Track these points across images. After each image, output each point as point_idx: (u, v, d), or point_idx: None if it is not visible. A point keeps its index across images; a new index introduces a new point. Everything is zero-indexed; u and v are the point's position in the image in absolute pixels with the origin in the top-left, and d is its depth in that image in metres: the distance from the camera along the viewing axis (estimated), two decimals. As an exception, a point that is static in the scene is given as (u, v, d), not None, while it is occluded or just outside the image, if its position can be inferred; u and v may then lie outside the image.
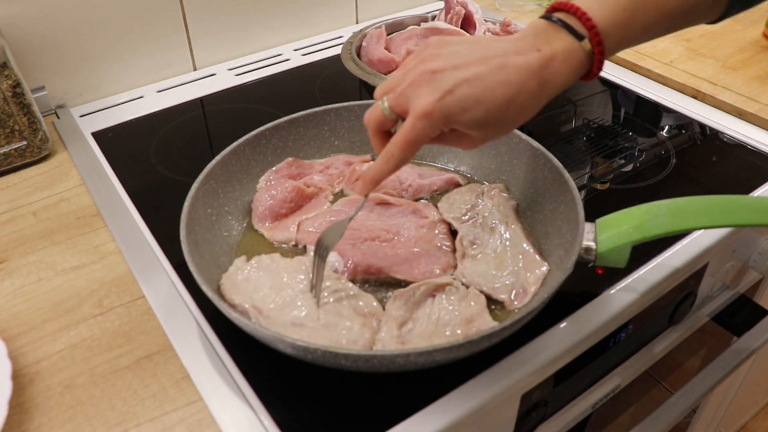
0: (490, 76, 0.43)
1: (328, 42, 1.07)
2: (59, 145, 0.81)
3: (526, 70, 0.44)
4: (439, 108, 0.43)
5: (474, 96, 0.43)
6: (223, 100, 0.92)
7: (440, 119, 0.44)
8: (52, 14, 0.83)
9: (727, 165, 0.76)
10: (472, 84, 0.43)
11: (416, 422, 0.47)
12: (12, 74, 0.72)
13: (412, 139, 0.45)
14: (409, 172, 0.68)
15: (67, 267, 0.62)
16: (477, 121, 0.44)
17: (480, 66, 0.44)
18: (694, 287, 0.69)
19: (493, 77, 0.43)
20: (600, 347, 0.59)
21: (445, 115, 0.44)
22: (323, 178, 0.68)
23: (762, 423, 1.49)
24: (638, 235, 0.52)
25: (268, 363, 0.51)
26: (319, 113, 0.70)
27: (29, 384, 0.51)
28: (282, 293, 0.54)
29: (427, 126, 0.44)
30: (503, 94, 0.43)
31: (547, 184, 0.62)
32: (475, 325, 0.52)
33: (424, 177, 0.68)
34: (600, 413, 0.72)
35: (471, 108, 0.43)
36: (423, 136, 0.45)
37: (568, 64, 0.45)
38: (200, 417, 0.49)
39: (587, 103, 0.91)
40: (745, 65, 0.95)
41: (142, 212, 0.69)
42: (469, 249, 0.60)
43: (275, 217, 0.63)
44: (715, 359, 0.77)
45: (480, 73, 0.43)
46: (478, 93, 0.43)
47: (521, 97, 0.44)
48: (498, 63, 0.44)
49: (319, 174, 0.69)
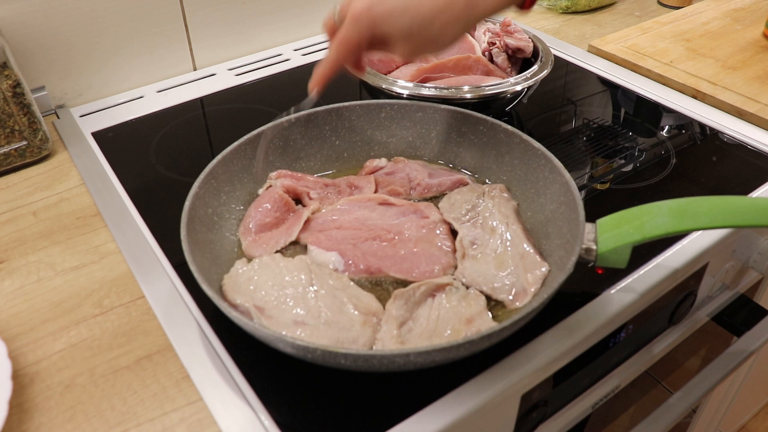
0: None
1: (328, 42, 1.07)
2: (59, 145, 0.81)
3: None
4: (367, 13, 0.48)
5: (402, 6, 0.47)
6: (223, 100, 0.92)
7: (368, 21, 0.49)
8: (52, 14, 0.83)
9: (727, 165, 0.76)
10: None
11: (416, 422, 0.47)
12: (12, 74, 0.72)
13: (345, 38, 0.50)
14: (419, 170, 0.68)
15: (67, 267, 0.62)
16: (402, 29, 0.48)
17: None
18: (694, 287, 0.69)
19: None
20: (600, 347, 0.59)
21: (372, 19, 0.48)
22: (318, 195, 0.67)
23: (762, 423, 1.49)
24: (639, 235, 0.52)
25: (268, 363, 0.52)
26: (320, 113, 0.70)
27: (29, 384, 0.51)
28: (284, 292, 0.54)
29: (356, 27, 0.49)
30: (429, 8, 0.47)
31: (548, 184, 0.62)
32: (475, 325, 0.52)
33: (433, 177, 0.68)
34: (600, 413, 0.72)
35: (397, 16, 0.48)
36: (353, 38, 0.50)
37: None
38: (200, 417, 0.49)
39: (587, 103, 0.91)
40: (745, 65, 0.95)
41: (142, 212, 0.69)
42: (470, 249, 0.60)
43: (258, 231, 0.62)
44: (715, 359, 0.77)
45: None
46: (403, 5, 0.47)
47: (446, 14, 0.47)
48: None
49: (317, 191, 0.67)
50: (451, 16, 0.47)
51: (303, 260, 0.57)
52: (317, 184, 0.68)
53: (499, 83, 0.77)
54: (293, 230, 0.61)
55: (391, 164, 0.70)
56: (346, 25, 0.50)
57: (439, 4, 0.47)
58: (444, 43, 0.50)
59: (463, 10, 0.47)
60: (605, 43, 1.02)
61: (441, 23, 0.47)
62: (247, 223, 0.62)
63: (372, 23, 0.49)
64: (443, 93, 0.75)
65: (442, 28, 0.48)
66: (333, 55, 0.52)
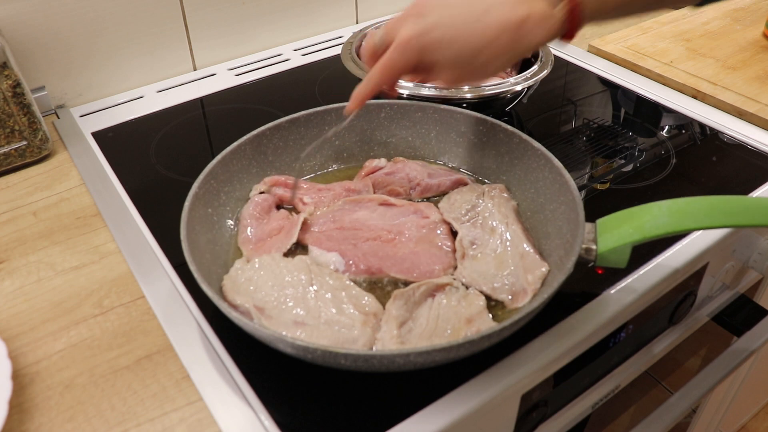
0: (468, 24, 0.48)
1: (328, 42, 1.07)
2: (59, 145, 0.81)
3: (502, 25, 0.48)
4: (417, 40, 0.49)
5: (449, 37, 0.48)
6: (223, 100, 0.92)
7: (415, 51, 0.50)
8: (52, 14, 0.83)
9: (727, 165, 0.76)
10: (450, 27, 0.48)
11: (416, 422, 0.47)
12: (12, 74, 0.72)
13: (389, 63, 0.51)
14: (418, 171, 0.68)
15: (67, 267, 0.62)
16: (447, 60, 0.49)
17: (463, 13, 0.48)
18: (694, 287, 0.69)
19: (470, 25, 0.48)
20: (600, 347, 0.59)
21: (420, 48, 0.49)
22: (313, 200, 0.66)
23: (762, 423, 1.49)
24: (638, 235, 0.52)
25: (268, 363, 0.51)
26: (321, 113, 0.70)
27: (29, 384, 0.51)
28: (284, 292, 0.54)
29: (402, 54, 0.50)
30: (477, 40, 0.48)
31: (548, 184, 0.62)
32: (475, 325, 0.52)
33: (433, 177, 0.68)
34: (600, 413, 0.72)
35: (444, 47, 0.49)
36: (399, 63, 0.51)
37: (543, 24, 0.49)
38: (200, 417, 0.49)
39: (587, 103, 0.91)
40: (745, 65, 0.95)
41: (142, 212, 0.69)
42: (469, 249, 0.60)
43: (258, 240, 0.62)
44: (715, 359, 0.77)
45: (461, 20, 0.48)
46: (453, 35, 0.48)
47: (493, 47, 0.49)
48: (479, 14, 0.48)
49: (310, 195, 0.66)
50: (497, 49, 0.48)
51: (303, 260, 0.57)
52: (311, 189, 0.67)
53: (499, 83, 0.77)
54: (292, 234, 0.61)
55: (391, 164, 0.70)
56: (392, 51, 0.51)
57: (487, 37, 0.48)
58: (488, 74, 0.51)
59: (510, 44, 0.49)
60: (605, 43, 1.02)
61: (487, 55, 0.49)
62: (245, 232, 0.62)
63: (420, 51, 0.50)
64: (443, 93, 0.75)
65: (488, 60, 0.49)
66: (376, 78, 0.53)
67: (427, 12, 0.49)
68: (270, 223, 0.63)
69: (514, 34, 0.48)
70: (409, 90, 0.76)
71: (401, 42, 0.50)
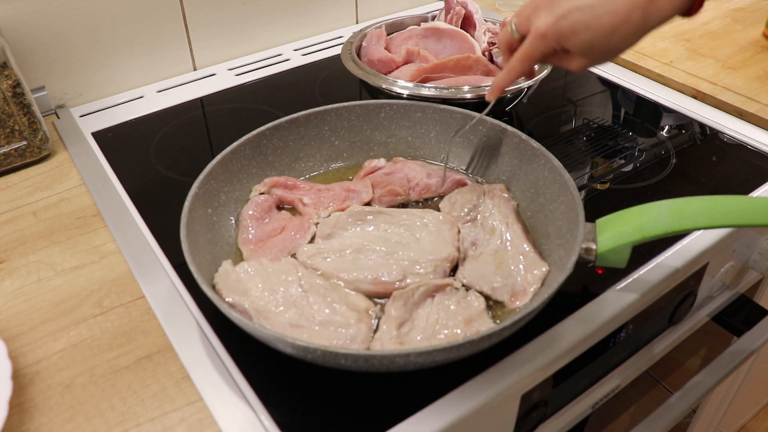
0: (600, 6, 0.50)
1: (328, 42, 1.07)
2: (59, 145, 0.81)
3: (632, 3, 0.50)
4: (553, 29, 0.52)
5: (584, 21, 0.50)
6: (223, 100, 0.92)
7: (553, 39, 0.52)
8: (52, 14, 0.83)
9: (727, 165, 0.76)
10: (583, 11, 0.50)
11: (416, 422, 0.47)
12: (12, 74, 0.72)
13: (529, 53, 0.54)
14: (418, 171, 0.68)
15: (67, 267, 0.62)
16: (584, 44, 0.51)
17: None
18: (694, 287, 0.69)
19: (602, 7, 0.50)
20: (600, 347, 0.59)
21: (557, 36, 0.52)
22: (312, 201, 0.66)
23: (762, 423, 1.49)
24: (638, 235, 0.52)
25: (268, 363, 0.52)
26: (320, 113, 0.70)
27: (29, 384, 0.51)
28: (275, 296, 0.54)
29: (542, 44, 0.53)
30: (610, 21, 0.50)
31: (547, 184, 0.62)
32: (474, 325, 0.52)
33: (432, 177, 0.68)
34: (600, 413, 0.72)
35: (580, 31, 0.51)
36: (538, 53, 0.54)
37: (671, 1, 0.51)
38: (200, 417, 0.49)
39: (587, 103, 0.91)
40: (745, 65, 0.95)
41: (142, 212, 0.69)
42: (470, 250, 0.60)
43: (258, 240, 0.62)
44: (715, 359, 0.77)
45: (591, 3, 0.50)
46: (587, 19, 0.50)
47: (625, 26, 0.50)
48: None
49: (310, 196, 0.66)
50: (629, 28, 0.50)
51: (290, 262, 0.57)
52: (311, 189, 0.67)
53: (499, 83, 0.77)
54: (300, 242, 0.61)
55: (390, 164, 0.70)
56: (531, 41, 0.53)
57: (620, 17, 0.50)
58: (619, 52, 0.53)
59: (641, 20, 0.50)
60: (605, 43, 1.02)
61: (621, 34, 0.51)
62: (245, 232, 0.62)
63: (558, 39, 0.52)
64: (443, 93, 0.75)
65: (621, 40, 0.51)
66: (517, 69, 0.56)
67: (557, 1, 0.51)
68: (271, 224, 0.63)
69: (645, 10, 0.50)
70: (408, 90, 0.76)
71: (539, 32, 0.52)
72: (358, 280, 0.56)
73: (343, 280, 0.56)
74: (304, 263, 0.58)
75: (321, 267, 0.57)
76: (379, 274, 0.56)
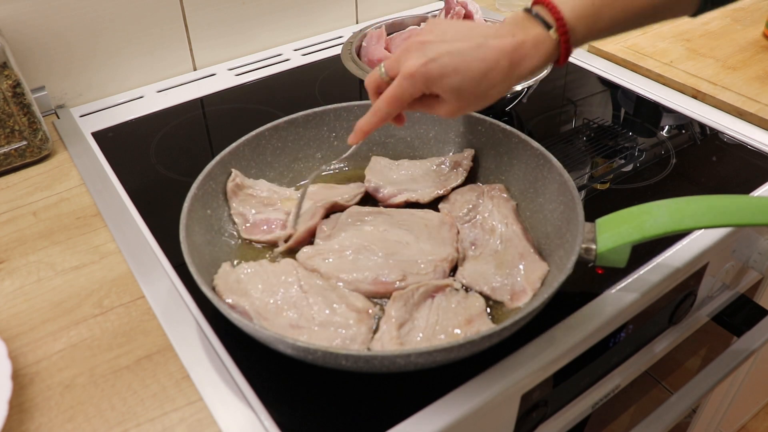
0: (469, 51, 0.50)
1: (328, 42, 1.07)
2: (59, 145, 0.81)
3: (500, 51, 0.50)
4: (422, 71, 0.51)
5: (453, 65, 0.50)
6: (223, 100, 0.92)
7: (421, 80, 0.51)
8: (52, 14, 0.83)
9: (727, 165, 0.76)
10: (453, 56, 0.50)
11: (416, 422, 0.47)
12: (12, 74, 0.72)
13: (397, 95, 0.53)
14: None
15: (67, 267, 0.62)
16: (453, 87, 0.51)
17: (463, 42, 0.51)
18: (694, 287, 0.69)
19: (472, 53, 0.50)
20: (600, 347, 0.59)
21: (426, 78, 0.51)
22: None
23: (762, 423, 1.49)
24: (638, 235, 0.52)
25: (268, 363, 0.52)
26: (319, 113, 0.70)
27: (29, 384, 0.51)
28: (275, 296, 0.54)
29: (410, 85, 0.52)
30: (478, 67, 0.50)
31: (547, 184, 0.62)
32: (474, 325, 0.52)
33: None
34: (600, 413, 0.72)
35: (449, 75, 0.50)
36: (406, 94, 0.52)
37: (537, 49, 0.51)
38: (200, 417, 0.49)
39: (587, 103, 0.91)
40: (745, 65, 0.95)
41: (142, 212, 0.69)
42: (469, 250, 0.60)
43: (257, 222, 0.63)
44: (715, 359, 0.77)
45: (461, 48, 0.50)
46: (456, 63, 0.50)
47: (493, 73, 0.50)
48: (478, 42, 0.51)
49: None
50: (497, 75, 0.50)
51: (290, 263, 0.57)
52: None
53: (498, 83, 0.76)
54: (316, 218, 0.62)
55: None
56: (399, 82, 0.52)
57: (488, 63, 0.50)
58: (489, 101, 0.53)
59: (509, 68, 0.51)
60: (605, 43, 1.02)
61: (489, 81, 0.51)
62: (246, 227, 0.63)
63: (426, 80, 0.51)
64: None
65: (490, 86, 0.51)
66: (383, 110, 0.54)
67: (430, 44, 0.51)
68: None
69: (512, 57, 0.50)
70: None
71: (407, 73, 0.51)
72: (358, 280, 0.56)
73: (343, 280, 0.56)
74: (304, 264, 0.58)
75: (321, 268, 0.57)
76: (378, 274, 0.56)
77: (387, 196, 0.66)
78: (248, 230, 0.62)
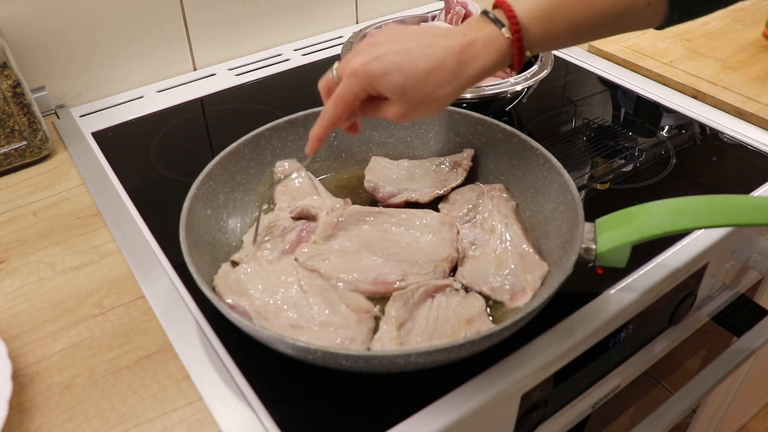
0: (415, 51, 0.49)
1: (328, 42, 1.07)
2: (59, 145, 0.81)
3: (447, 49, 0.49)
4: (364, 68, 0.50)
5: (396, 63, 0.49)
6: (223, 100, 0.92)
7: (364, 78, 0.50)
8: (52, 14, 0.83)
9: (727, 165, 0.76)
10: (398, 54, 0.49)
11: (416, 422, 0.47)
12: (12, 74, 0.72)
13: (342, 95, 0.52)
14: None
15: (67, 267, 0.63)
16: (396, 86, 0.50)
17: (410, 43, 0.50)
18: (694, 287, 0.69)
19: (417, 52, 0.49)
20: (600, 347, 0.59)
21: (368, 75, 0.50)
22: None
23: (762, 423, 1.49)
24: (638, 235, 0.52)
25: (268, 363, 0.52)
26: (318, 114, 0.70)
27: (29, 384, 0.51)
28: (275, 297, 0.54)
29: (353, 83, 0.51)
30: (423, 66, 0.49)
31: (547, 184, 0.62)
32: (474, 325, 0.52)
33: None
34: (600, 413, 0.72)
35: (392, 72, 0.49)
36: (350, 93, 0.51)
37: (487, 48, 0.50)
38: (200, 417, 0.49)
39: (587, 103, 0.91)
40: (745, 65, 0.95)
41: (142, 212, 0.69)
42: (469, 250, 0.60)
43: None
44: (715, 359, 0.76)
45: (408, 48, 0.50)
46: (400, 61, 0.49)
47: (439, 72, 0.49)
48: (426, 42, 0.50)
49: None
50: (443, 75, 0.49)
51: (290, 263, 0.57)
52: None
53: (498, 83, 0.77)
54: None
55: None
56: (342, 83, 0.52)
57: (433, 62, 0.49)
58: (437, 103, 0.51)
59: (455, 69, 0.49)
60: (605, 43, 1.02)
61: (434, 81, 0.49)
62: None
63: (368, 78, 0.50)
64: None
65: (436, 86, 0.50)
66: (330, 113, 0.53)
67: (378, 45, 0.51)
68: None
69: (460, 56, 0.49)
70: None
71: (350, 71, 0.51)
72: (358, 280, 0.56)
73: (343, 280, 0.56)
74: (304, 264, 0.58)
75: (321, 268, 0.57)
76: (378, 274, 0.56)
77: (387, 196, 0.66)
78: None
